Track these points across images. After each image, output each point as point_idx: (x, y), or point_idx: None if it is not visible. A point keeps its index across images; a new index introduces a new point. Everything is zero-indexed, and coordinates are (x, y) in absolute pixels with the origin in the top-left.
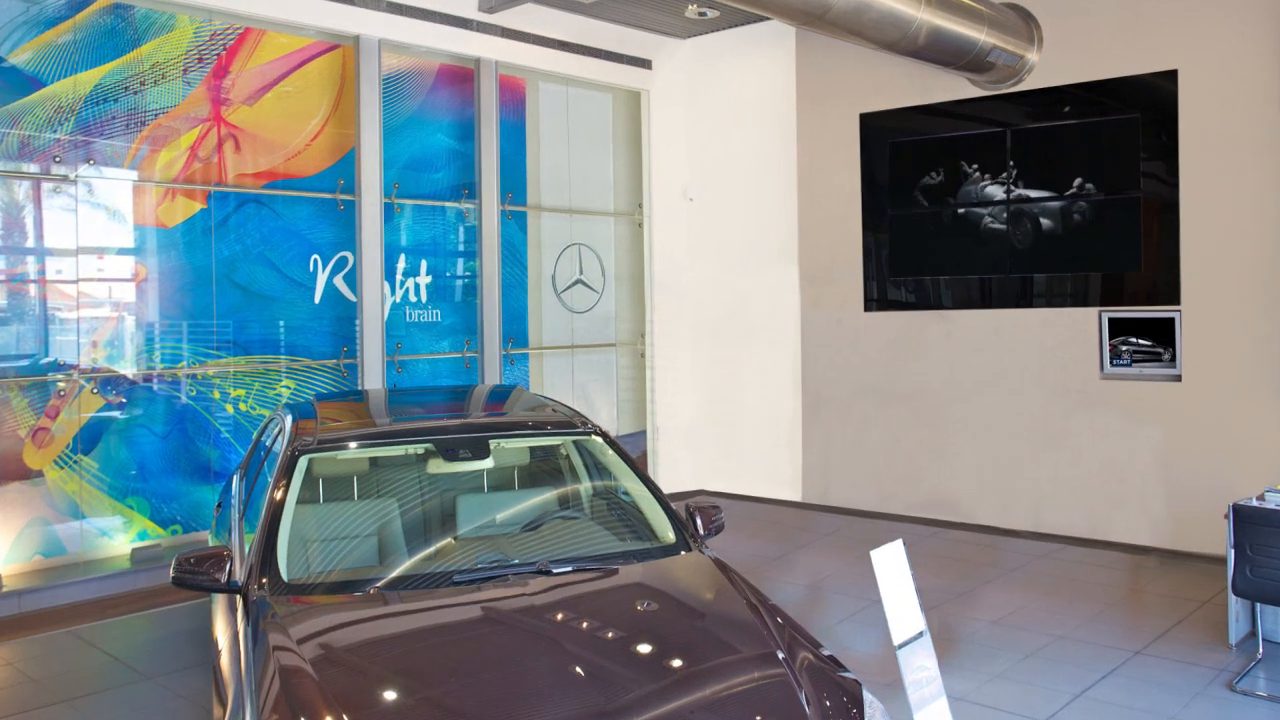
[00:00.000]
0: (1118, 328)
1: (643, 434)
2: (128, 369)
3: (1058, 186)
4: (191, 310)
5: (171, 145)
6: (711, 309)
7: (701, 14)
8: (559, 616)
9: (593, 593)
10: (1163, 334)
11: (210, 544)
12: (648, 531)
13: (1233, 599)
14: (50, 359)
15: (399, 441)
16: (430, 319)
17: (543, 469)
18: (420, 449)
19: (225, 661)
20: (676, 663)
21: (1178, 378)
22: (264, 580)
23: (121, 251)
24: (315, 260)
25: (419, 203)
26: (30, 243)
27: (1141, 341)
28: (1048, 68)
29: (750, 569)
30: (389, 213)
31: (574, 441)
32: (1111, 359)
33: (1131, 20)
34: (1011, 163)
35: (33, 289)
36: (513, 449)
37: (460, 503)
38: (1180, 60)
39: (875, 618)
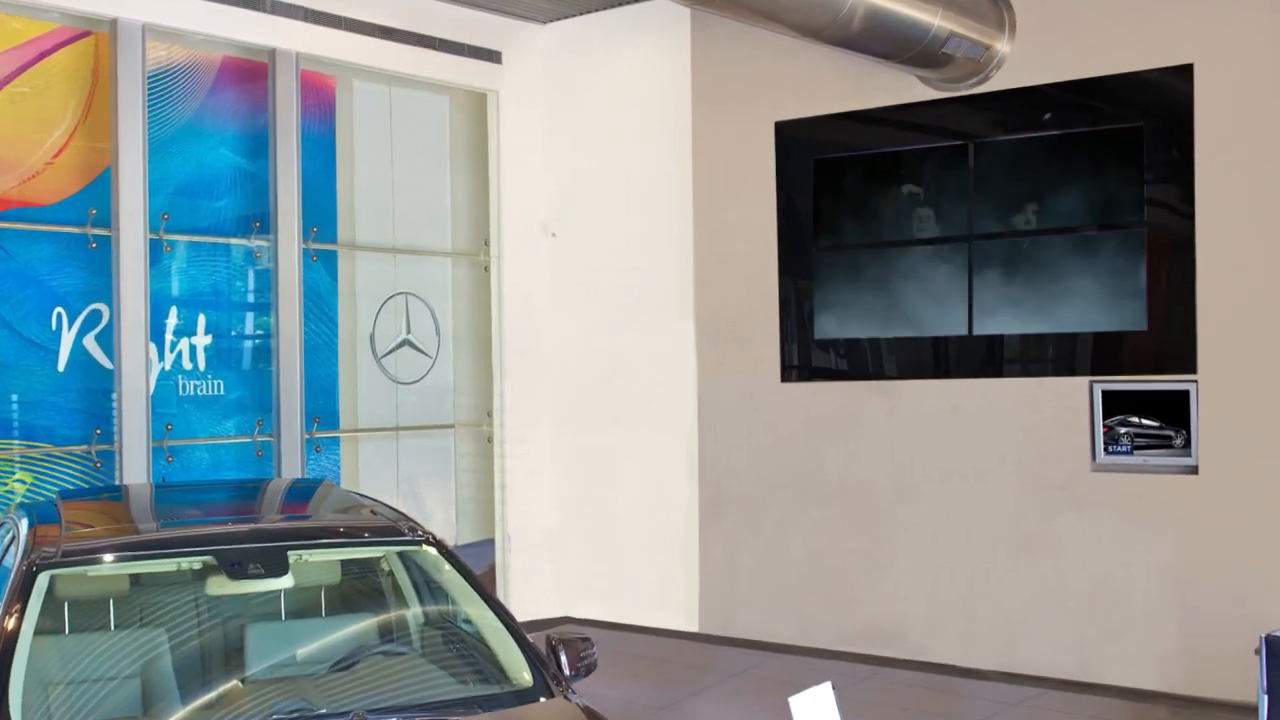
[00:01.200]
0: (1115, 404)
1: (490, 543)
2: None
3: (1036, 218)
4: None
5: None
6: (580, 379)
7: None
8: None
9: None
10: (1174, 412)
11: None
12: (496, 671)
13: None
14: None
15: (170, 554)
16: (211, 392)
17: (358, 589)
18: (197, 563)
19: None
20: None
21: (1193, 469)
22: None
23: None
24: (59, 315)
25: (196, 239)
26: None
27: (1146, 422)
28: (1023, 62)
29: None
30: (156, 253)
31: (399, 553)
32: (1107, 445)
33: None
34: (975, 186)
35: None
36: (319, 563)
37: (250, 633)
38: (1197, 52)
39: None
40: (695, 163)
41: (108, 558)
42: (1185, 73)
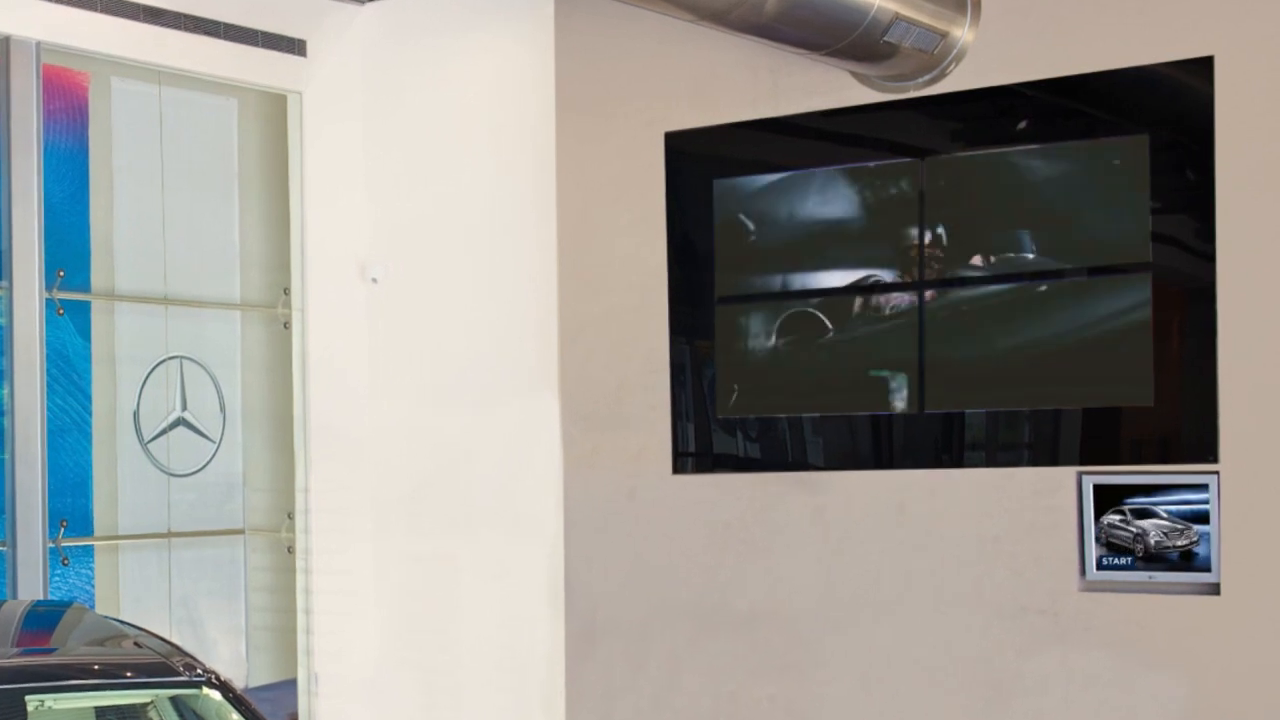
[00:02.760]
0: (1111, 501)
1: (292, 685)
2: None
3: (1007, 259)
4: None
5: None
6: (410, 470)
7: None
8: None
9: None
10: (1188, 512)
11: None
12: None
13: None
14: None
15: None
16: None
17: None
18: None
19: None
20: None
21: (1214, 588)
22: None
23: None
24: None
25: None
26: None
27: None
28: (990, 54)
29: None
30: None
31: (172, 698)
32: (1101, 556)
33: None
34: (927, 216)
35: None
36: (67, 711)
37: None
38: (1219, 42)
39: None
40: (560, 187)
41: None
42: (1204, 68)
